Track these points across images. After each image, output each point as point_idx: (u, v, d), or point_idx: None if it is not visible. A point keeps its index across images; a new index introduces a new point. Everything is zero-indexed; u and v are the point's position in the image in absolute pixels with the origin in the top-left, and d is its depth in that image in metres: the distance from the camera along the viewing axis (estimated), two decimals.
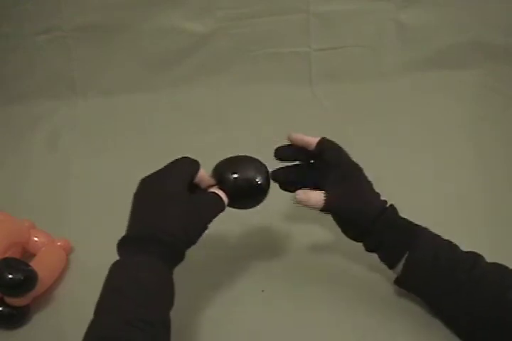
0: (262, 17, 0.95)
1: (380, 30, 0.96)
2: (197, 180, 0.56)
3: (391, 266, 0.57)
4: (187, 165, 0.56)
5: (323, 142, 0.60)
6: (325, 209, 0.58)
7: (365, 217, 0.56)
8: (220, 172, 0.58)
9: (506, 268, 0.54)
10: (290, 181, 0.61)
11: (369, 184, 0.59)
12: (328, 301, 0.62)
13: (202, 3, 0.95)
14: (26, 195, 0.82)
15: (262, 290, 0.63)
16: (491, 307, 0.51)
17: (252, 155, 0.60)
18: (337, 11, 0.95)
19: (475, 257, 0.54)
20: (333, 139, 0.85)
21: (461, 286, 0.52)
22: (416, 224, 0.58)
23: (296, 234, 0.59)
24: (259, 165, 0.59)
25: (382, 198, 0.59)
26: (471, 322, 0.53)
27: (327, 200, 0.57)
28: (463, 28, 0.95)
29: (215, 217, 0.54)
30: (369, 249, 0.58)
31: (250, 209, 0.60)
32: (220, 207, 0.55)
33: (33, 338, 0.61)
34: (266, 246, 0.69)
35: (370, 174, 0.59)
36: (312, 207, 0.58)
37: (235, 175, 0.57)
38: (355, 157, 0.77)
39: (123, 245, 0.52)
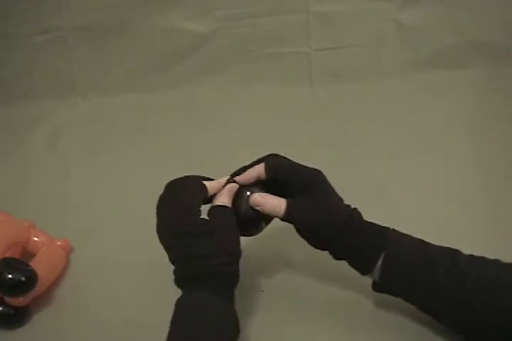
0: (262, 17, 0.95)
1: (380, 30, 0.96)
2: (210, 193, 0.56)
3: (364, 272, 0.56)
4: (194, 194, 0.55)
5: (270, 166, 0.57)
6: (286, 218, 0.55)
7: (329, 227, 0.55)
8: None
9: (483, 260, 0.53)
10: None
11: (331, 190, 0.57)
12: (328, 301, 0.62)
13: (202, 3, 0.95)
14: (26, 195, 0.82)
15: (262, 290, 0.64)
16: (472, 303, 0.51)
17: (252, 156, 0.60)
18: (337, 11, 0.95)
19: (451, 253, 0.54)
20: (333, 139, 0.87)
21: (441, 285, 0.52)
22: (384, 227, 0.56)
23: (297, 234, 0.59)
24: None
25: (346, 202, 0.57)
26: (455, 318, 0.53)
27: (288, 208, 0.55)
28: (463, 28, 0.95)
29: (236, 226, 0.55)
30: (337, 257, 0.57)
31: None
32: (232, 217, 0.55)
33: (33, 338, 0.61)
34: (266, 246, 0.69)
35: (369, 174, 0.59)
36: (271, 214, 0.56)
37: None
38: (355, 157, 0.77)
39: (178, 282, 0.53)
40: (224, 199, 0.55)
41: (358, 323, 0.59)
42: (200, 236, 0.52)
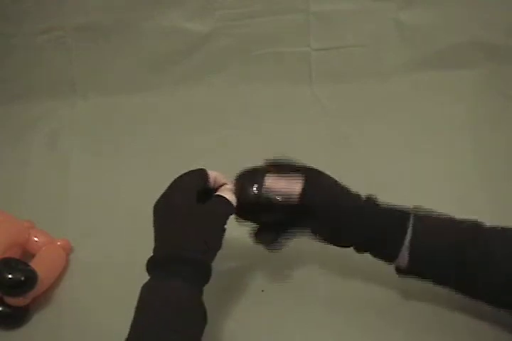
0: (262, 17, 0.95)
1: (380, 30, 0.96)
2: (212, 183, 0.56)
3: (392, 257, 0.55)
4: (192, 178, 0.56)
5: (309, 193, 0.56)
6: (303, 201, 0.54)
7: (349, 202, 0.55)
8: (240, 184, 0.57)
9: (506, 231, 0.54)
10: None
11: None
12: (329, 301, 0.62)
13: (202, 3, 0.95)
14: (26, 195, 0.82)
15: (262, 290, 0.64)
16: (497, 277, 0.51)
17: (252, 156, 0.60)
18: (337, 10, 0.95)
19: (475, 226, 0.55)
20: (333, 139, 0.87)
21: (468, 260, 0.52)
22: (403, 207, 0.57)
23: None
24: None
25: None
26: (476, 292, 0.54)
27: (304, 191, 0.54)
28: (463, 28, 0.95)
29: (226, 219, 0.54)
30: (364, 248, 0.56)
31: None
32: (228, 210, 0.55)
33: (33, 338, 0.62)
34: None
35: (369, 174, 0.59)
36: (286, 194, 0.55)
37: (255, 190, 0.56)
38: (355, 157, 0.77)
39: (150, 266, 0.53)
40: (228, 193, 0.55)
41: (359, 322, 0.59)
42: (179, 222, 0.52)
